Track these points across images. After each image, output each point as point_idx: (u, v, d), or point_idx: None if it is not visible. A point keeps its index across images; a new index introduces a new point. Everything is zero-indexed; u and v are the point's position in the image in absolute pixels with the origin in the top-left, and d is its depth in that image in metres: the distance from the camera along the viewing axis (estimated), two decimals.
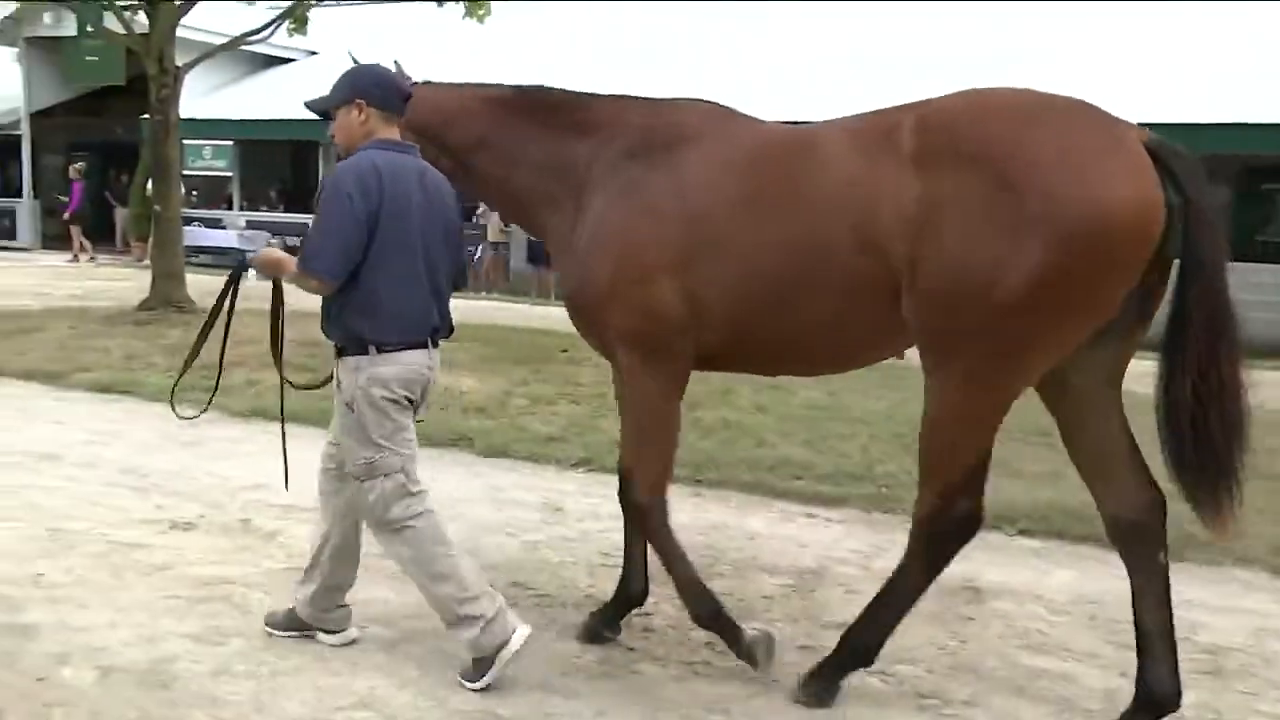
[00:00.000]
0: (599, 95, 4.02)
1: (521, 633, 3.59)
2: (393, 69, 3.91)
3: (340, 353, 3.63)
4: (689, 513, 5.71)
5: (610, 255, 3.63)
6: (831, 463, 6.66)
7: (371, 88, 3.65)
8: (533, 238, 4.07)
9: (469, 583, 3.58)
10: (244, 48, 24.20)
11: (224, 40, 12.87)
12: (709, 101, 3.87)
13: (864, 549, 5.30)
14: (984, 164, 3.06)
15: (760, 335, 3.55)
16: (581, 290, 3.76)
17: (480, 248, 19.84)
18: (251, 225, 21.31)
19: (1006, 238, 2.99)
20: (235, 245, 20.80)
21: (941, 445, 3.27)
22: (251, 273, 3.90)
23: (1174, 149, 3.09)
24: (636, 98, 3.96)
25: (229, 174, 23.03)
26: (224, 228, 21.46)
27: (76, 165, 22.69)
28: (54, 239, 23.67)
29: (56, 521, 5.09)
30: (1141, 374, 3.34)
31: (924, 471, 3.32)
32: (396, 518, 3.59)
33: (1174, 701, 3.29)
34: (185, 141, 20.99)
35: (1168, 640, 3.29)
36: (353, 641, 3.90)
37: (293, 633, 3.91)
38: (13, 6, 23.68)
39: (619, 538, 4.21)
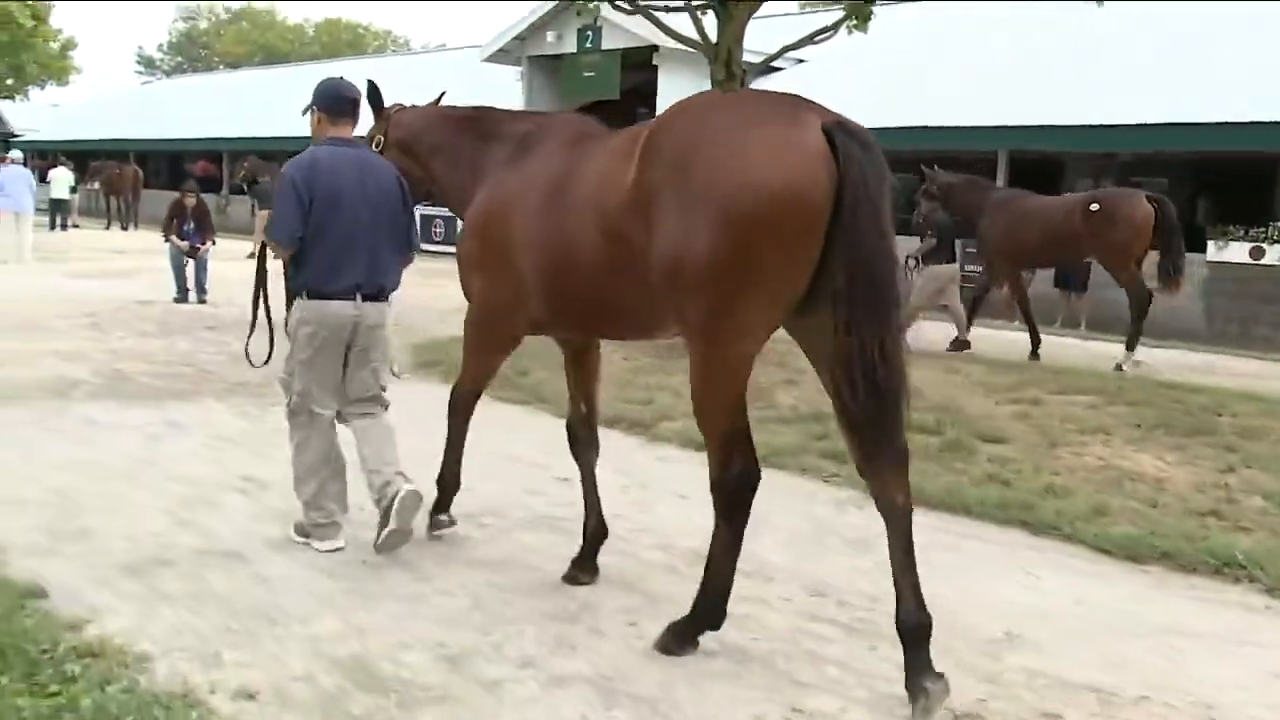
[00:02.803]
0: (518, 111, 5.07)
1: (331, 545, 4.73)
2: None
3: (290, 296, 4.72)
4: None
5: (475, 235, 4.58)
6: None
7: (320, 97, 4.77)
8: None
9: (325, 500, 4.74)
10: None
11: (758, 49, 11.58)
12: (583, 116, 4.67)
13: None
14: (673, 156, 3.49)
15: (576, 308, 4.22)
16: (458, 259, 4.70)
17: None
18: None
19: (684, 220, 3.41)
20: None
21: (700, 407, 3.68)
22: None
23: (849, 131, 3.34)
24: (536, 113, 4.87)
25: None
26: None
27: None
28: None
29: (782, 686, 3.64)
30: None
31: (704, 436, 3.80)
32: (299, 423, 4.74)
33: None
34: None
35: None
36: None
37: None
38: (523, 27, 24.67)
39: None
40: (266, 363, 5.08)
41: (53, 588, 4.17)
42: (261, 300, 5.07)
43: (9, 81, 30.76)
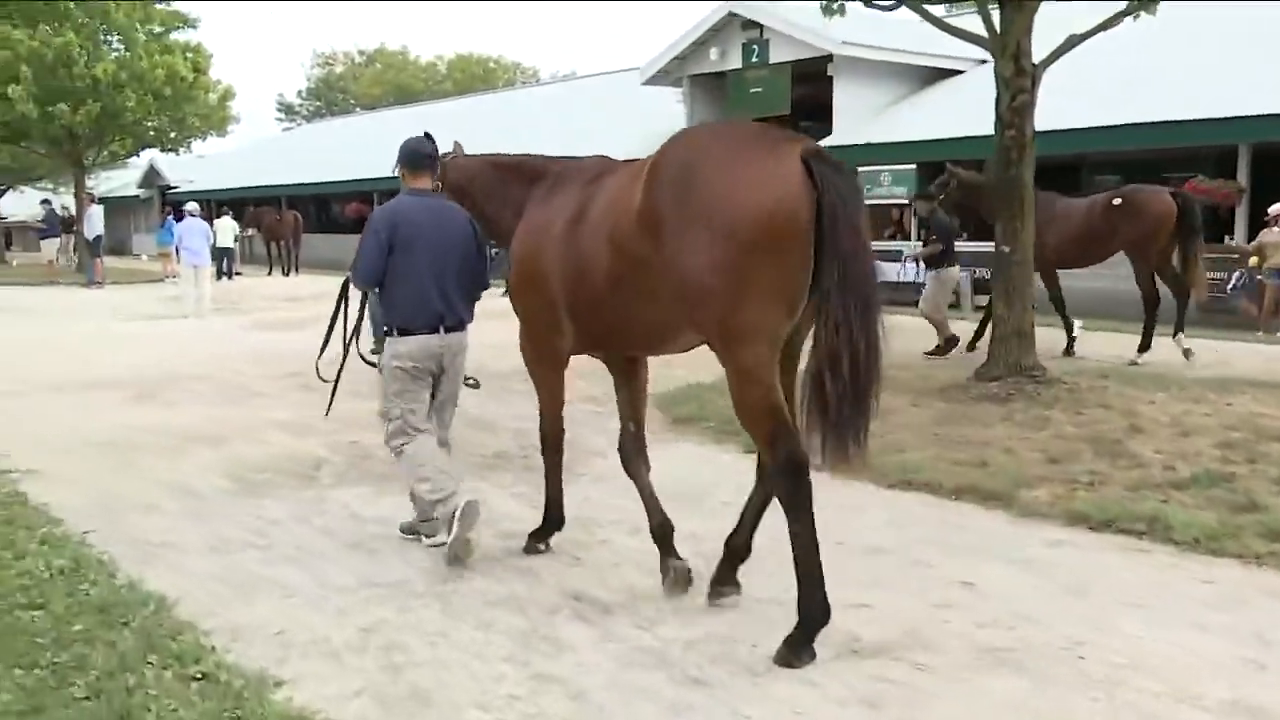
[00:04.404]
0: (554, 156, 5.47)
1: (464, 499, 5.10)
2: (443, 145, 5.67)
3: (385, 334, 5.29)
4: None
5: (516, 265, 5.04)
6: None
7: (402, 155, 5.44)
8: None
9: (440, 485, 5.15)
10: (909, 62, 22.38)
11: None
12: (606, 158, 5.01)
13: None
14: (674, 181, 3.98)
15: (599, 324, 4.68)
16: (509, 289, 5.13)
17: (1240, 276, 15.66)
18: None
19: (687, 240, 3.89)
20: (916, 280, 18.24)
21: (741, 412, 4.04)
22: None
23: (824, 159, 3.81)
24: (568, 157, 5.39)
25: (904, 201, 20.57)
26: (902, 260, 18.74)
27: None
28: None
29: None
30: None
31: (753, 438, 4.17)
32: (395, 446, 5.30)
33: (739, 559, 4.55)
34: (862, 168, 19.01)
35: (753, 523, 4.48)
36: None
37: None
38: (684, 45, 23.61)
39: None
40: (337, 379, 5.58)
41: None
42: (340, 329, 5.63)
43: (171, 135, 30.93)
